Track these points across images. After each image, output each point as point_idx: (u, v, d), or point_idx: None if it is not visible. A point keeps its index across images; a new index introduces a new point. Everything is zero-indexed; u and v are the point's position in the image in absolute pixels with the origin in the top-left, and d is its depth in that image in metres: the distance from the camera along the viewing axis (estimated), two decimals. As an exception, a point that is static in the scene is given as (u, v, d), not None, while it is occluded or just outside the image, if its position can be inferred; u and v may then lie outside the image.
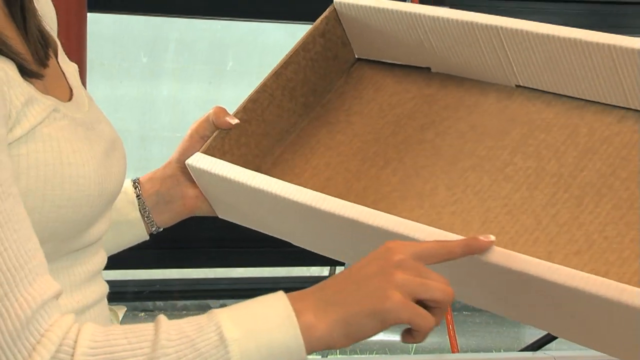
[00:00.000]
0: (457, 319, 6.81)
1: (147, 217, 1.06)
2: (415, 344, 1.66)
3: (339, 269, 2.95)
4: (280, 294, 0.80)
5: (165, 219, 1.09)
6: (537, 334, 2.83)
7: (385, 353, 4.65)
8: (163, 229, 1.11)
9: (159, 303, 4.33)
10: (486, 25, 0.94)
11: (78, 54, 1.93)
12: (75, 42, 1.97)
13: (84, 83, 1.01)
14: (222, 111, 1.03)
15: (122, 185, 0.91)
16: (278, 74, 1.07)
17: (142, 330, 0.74)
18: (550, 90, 0.93)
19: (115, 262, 1.00)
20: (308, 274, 3.24)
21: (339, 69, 1.09)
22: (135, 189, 1.06)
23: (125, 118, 3.06)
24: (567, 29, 0.90)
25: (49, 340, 0.71)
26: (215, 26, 3.04)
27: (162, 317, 0.76)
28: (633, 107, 0.88)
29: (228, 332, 0.74)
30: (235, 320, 0.75)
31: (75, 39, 1.98)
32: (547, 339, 2.54)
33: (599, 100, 0.89)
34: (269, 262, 2.98)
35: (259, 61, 3.24)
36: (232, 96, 3.21)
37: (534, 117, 0.93)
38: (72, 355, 0.70)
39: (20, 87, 0.75)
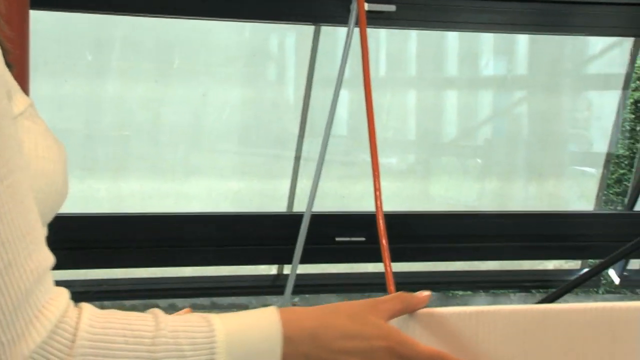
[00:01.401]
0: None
1: None
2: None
3: (286, 268, 2.96)
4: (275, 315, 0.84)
5: None
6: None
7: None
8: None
9: (106, 303, 4.30)
10: None
11: (21, 53, 1.91)
12: (18, 41, 1.95)
13: (26, 82, 1.01)
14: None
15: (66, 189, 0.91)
16: None
17: (141, 328, 0.77)
18: None
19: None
20: (256, 273, 3.24)
21: None
22: None
23: (70, 117, 3.04)
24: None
25: (46, 318, 0.72)
26: (161, 24, 3.03)
27: (159, 315, 0.79)
28: None
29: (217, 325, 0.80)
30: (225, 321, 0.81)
31: (18, 37, 1.96)
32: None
33: None
34: (215, 261, 2.98)
35: (206, 60, 3.24)
36: (179, 95, 3.20)
37: None
38: (73, 341, 0.72)
39: (8, 73, 0.77)
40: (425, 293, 0.88)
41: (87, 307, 0.76)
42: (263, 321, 0.82)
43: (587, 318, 0.87)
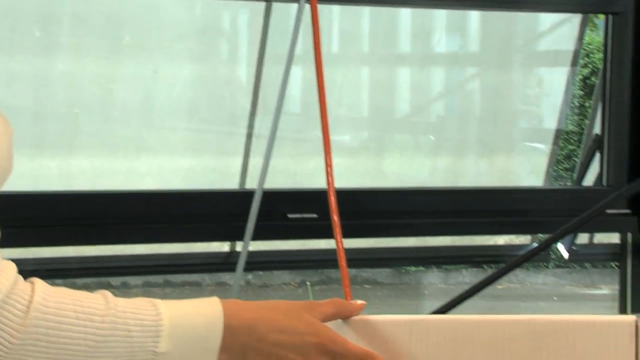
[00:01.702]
0: (359, 292, 6.89)
1: None
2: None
3: (238, 245, 2.96)
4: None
5: None
6: (436, 304, 2.89)
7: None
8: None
9: (58, 281, 4.27)
10: None
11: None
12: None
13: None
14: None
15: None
16: None
17: (92, 306, 0.80)
18: None
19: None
20: (208, 250, 3.24)
21: None
22: None
23: (18, 94, 3.01)
24: None
25: None
26: (111, 0, 3.01)
27: (109, 296, 0.82)
28: None
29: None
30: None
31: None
32: (444, 309, 2.60)
33: None
34: (167, 238, 2.97)
35: (157, 36, 3.22)
36: (129, 72, 3.18)
37: None
38: (26, 313, 0.73)
39: None
40: (360, 302, 0.93)
41: (39, 282, 0.78)
42: (206, 309, 0.88)
43: (517, 330, 0.89)
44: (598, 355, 0.83)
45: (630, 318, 0.81)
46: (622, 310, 3.27)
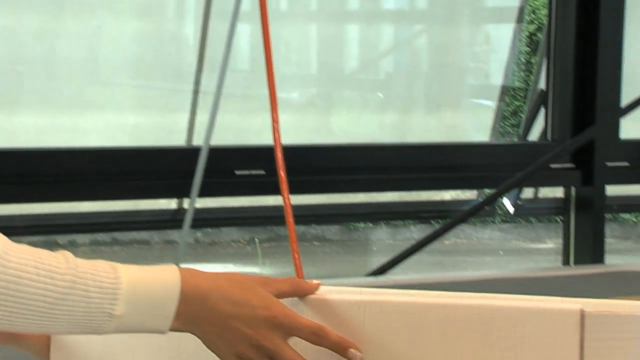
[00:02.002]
0: (308, 249, 6.94)
1: None
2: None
3: (186, 202, 2.95)
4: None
5: None
6: (384, 260, 2.92)
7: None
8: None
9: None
10: None
11: None
12: None
13: None
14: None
15: None
16: None
17: (52, 264, 0.81)
18: None
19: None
20: (156, 207, 3.24)
21: None
22: None
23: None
24: None
25: None
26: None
27: (69, 256, 0.83)
28: None
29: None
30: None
31: None
32: (390, 265, 2.62)
33: None
34: (114, 196, 2.96)
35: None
36: (73, 27, 3.14)
37: None
38: None
39: None
40: (316, 282, 0.94)
41: (1, 237, 0.79)
42: (164, 277, 0.89)
43: (467, 315, 0.89)
44: (544, 342, 0.84)
45: (575, 307, 0.83)
46: (565, 263, 3.33)
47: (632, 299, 1.59)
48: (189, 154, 2.92)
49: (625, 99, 3.20)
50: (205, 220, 3.30)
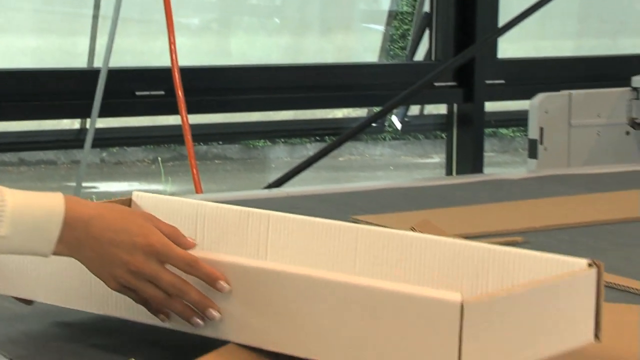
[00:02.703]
0: (210, 167, 6.93)
1: None
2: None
3: (88, 122, 2.90)
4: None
5: None
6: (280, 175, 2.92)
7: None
8: None
9: None
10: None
11: None
12: None
13: None
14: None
15: None
16: None
17: None
18: None
19: None
20: (59, 127, 3.18)
21: None
22: None
23: None
24: None
25: None
26: None
27: None
28: None
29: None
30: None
31: None
32: (286, 178, 2.63)
33: None
34: (18, 116, 2.89)
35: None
36: None
37: None
38: None
39: None
40: (192, 241, 0.93)
41: None
42: (48, 202, 0.89)
43: (353, 294, 0.81)
44: (425, 330, 0.76)
45: (456, 298, 0.74)
46: (449, 174, 3.39)
47: (501, 203, 1.64)
48: (89, 75, 2.86)
49: (502, 20, 3.23)
50: (108, 139, 3.25)
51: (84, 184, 3.23)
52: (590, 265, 0.83)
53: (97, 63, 3.05)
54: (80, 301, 0.98)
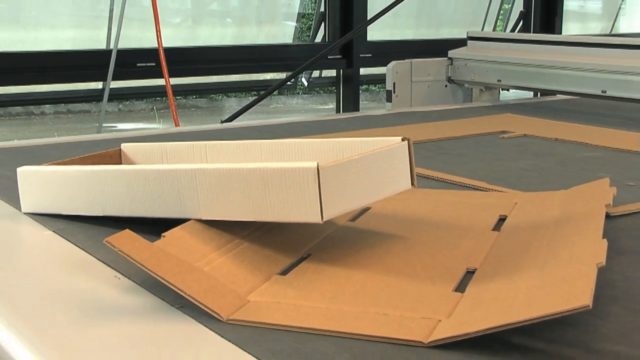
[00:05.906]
0: (187, 113, 6.79)
1: None
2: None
3: (106, 84, 2.82)
4: None
5: None
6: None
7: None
8: None
9: None
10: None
11: None
12: None
13: None
14: None
15: None
16: None
17: None
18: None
19: None
20: (88, 87, 3.08)
21: None
22: None
23: None
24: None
25: None
26: None
27: None
28: None
29: None
30: None
31: None
32: (236, 115, 2.59)
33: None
34: (60, 80, 2.81)
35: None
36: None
37: None
38: None
39: None
40: None
41: None
42: None
43: (242, 175, 0.69)
44: (290, 196, 0.66)
45: (312, 165, 0.64)
46: (337, 112, 3.42)
47: (372, 129, 1.64)
48: (106, 54, 2.77)
49: (370, 14, 3.24)
50: (118, 95, 3.20)
51: (104, 125, 3.15)
52: (403, 139, 0.76)
53: (111, 46, 2.98)
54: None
